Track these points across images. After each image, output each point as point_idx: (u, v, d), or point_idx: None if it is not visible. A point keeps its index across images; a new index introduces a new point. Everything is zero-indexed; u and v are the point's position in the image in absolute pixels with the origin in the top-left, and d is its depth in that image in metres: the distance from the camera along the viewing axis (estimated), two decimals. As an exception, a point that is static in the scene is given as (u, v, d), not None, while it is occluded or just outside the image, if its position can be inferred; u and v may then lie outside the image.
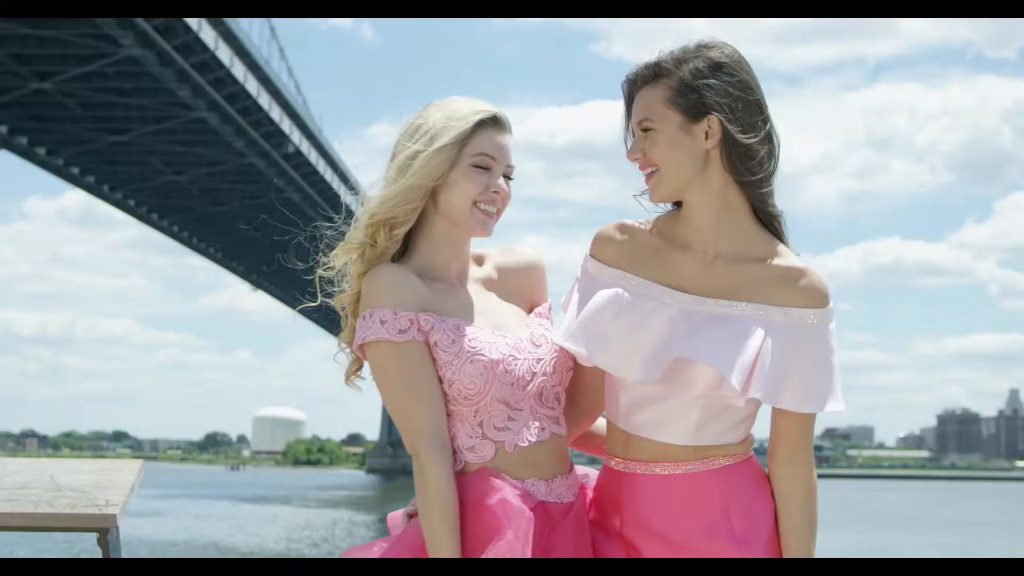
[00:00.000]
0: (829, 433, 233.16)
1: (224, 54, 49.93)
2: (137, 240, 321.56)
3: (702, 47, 2.63)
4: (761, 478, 2.66)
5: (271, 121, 56.34)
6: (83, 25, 45.83)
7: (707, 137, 2.60)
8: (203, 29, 47.59)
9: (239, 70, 51.68)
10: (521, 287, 2.83)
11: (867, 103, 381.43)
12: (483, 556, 2.50)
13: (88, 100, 54.45)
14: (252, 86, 53.41)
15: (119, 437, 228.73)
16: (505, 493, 2.58)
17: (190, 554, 29.54)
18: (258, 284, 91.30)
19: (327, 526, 43.88)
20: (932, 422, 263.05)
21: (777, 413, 2.62)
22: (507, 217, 2.78)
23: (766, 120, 2.64)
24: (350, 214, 2.75)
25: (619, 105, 2.74)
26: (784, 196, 2.71)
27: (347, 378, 2.77)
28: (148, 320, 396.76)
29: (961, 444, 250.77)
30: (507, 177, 2.74)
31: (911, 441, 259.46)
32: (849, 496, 76.35)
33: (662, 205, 2.73)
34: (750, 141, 2.60)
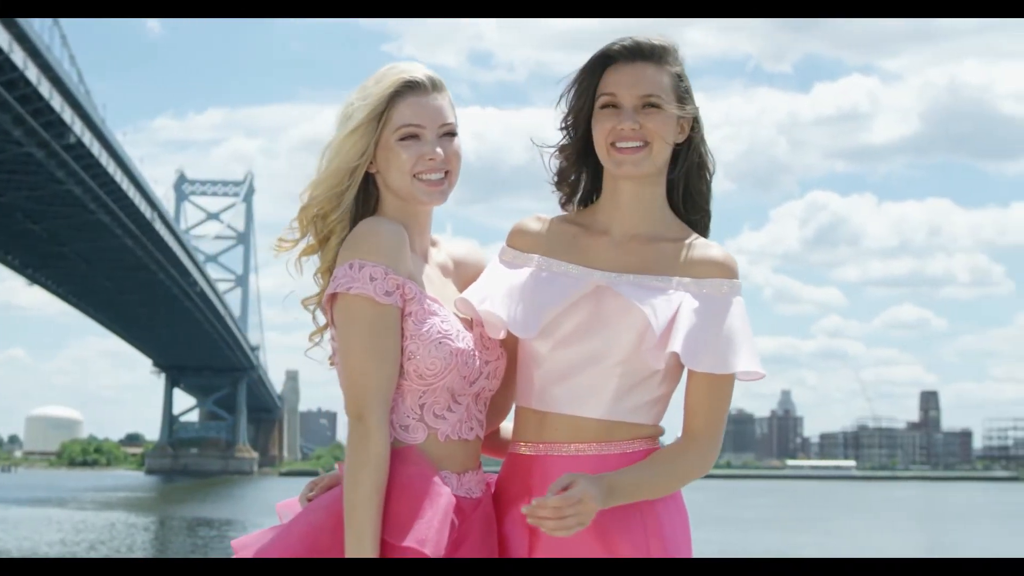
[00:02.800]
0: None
1: (2, 39, 48.10)
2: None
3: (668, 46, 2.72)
4: None
5: (51, 110, 54.46)
6: None
7: (681, 131, 2.69)
8: (-20, 13, 45.81)
9: (19, 56, 49.83)
10: (469, 281, 2.79)
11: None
12: (405, 534, 2.48)
13: None
14: (32, 73, 51.56)
15: None
16: (430, 476, 2.56)
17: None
18: (34, 279, 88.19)
19: (105, 528, 42.64)
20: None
21: (692, 387, 2.67)
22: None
23: None
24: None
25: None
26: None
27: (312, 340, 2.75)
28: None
29: (736, 443, 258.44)
30: (450, 135, 2.69)
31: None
32: (630, 495, 77.51)
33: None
34: (704, 145, 2.73)
